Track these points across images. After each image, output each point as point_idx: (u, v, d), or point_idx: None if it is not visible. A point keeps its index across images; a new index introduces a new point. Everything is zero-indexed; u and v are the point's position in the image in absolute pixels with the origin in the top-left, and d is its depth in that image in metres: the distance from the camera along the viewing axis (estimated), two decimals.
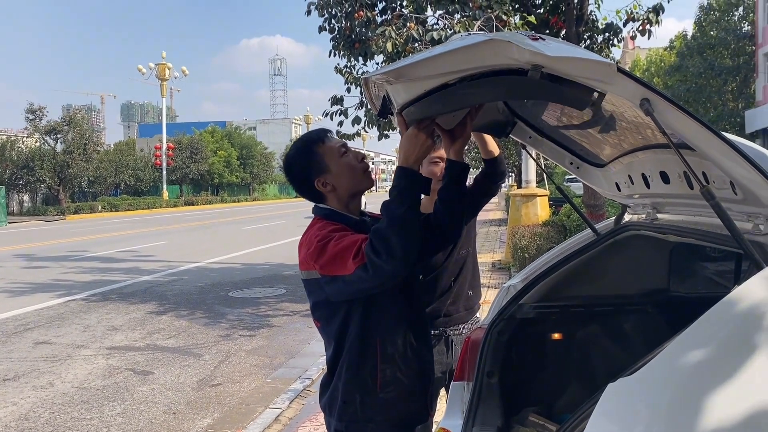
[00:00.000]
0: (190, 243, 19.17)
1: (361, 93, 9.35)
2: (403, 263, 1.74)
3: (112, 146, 57.64)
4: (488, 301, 6.12)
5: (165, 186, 50.69)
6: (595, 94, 1.37)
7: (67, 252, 17.08)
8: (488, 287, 9.39)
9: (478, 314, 3.10)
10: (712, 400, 1.17)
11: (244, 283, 11.12)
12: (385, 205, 1.83)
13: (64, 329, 7.93)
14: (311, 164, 2.02)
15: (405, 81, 1.69)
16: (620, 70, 1.30)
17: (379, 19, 8.73)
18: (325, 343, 2.08)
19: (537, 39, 1.33)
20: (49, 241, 21.21)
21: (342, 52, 9.01)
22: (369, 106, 9.28)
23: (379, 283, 1.80)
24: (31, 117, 38.61)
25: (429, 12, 8.53)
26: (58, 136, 39.31)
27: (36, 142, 40.20)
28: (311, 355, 6.47)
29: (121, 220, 33.99)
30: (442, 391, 2.94)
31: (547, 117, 2.34)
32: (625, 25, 8.72)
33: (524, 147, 2.52)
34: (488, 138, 2.46)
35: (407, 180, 1.83)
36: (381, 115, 2.06)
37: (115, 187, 49.95)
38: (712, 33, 37.40)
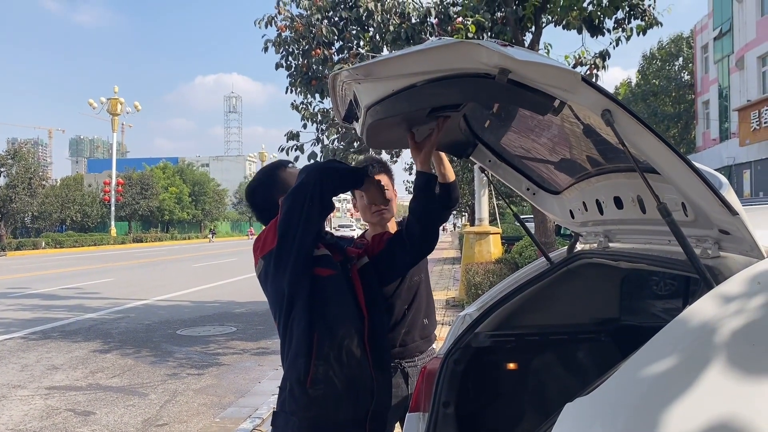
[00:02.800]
0: (138, 280, 18.62)
1: (317, 129, 9.40)
2: (321, 187, 2.03)
3: (58, 181, 56.08)
4: (442, 338, 6.09)
5: (113, 222, 49.48)
6: (557, 101, 1.39)
7: (6, 289, 16.35)
8: (443, 324, 9.38)
9: (434, 345, 3.07)
10: (667, 417, 1.18)
11: (193, 321, 10.82)
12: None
13: None
14: (275, 185, 2.21)
15: (373, 79, 1.68)
16: (584, 80, 1.32)
17: (336, 58, 8.85)
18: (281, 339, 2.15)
19: (506, 45, 1.35)
20: None
21: (299, 89, 9.08)
22: (325, 142, 9.34)
23: (302, 200, 1.99)
24: None
25: (385, 51, 8.68)
26: (2, 169, 38.11)
27: None
28: (262, 394, 6.30)
29: (65, 256, 32.88)
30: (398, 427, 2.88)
31: (508, 141, 2.38)
32: (573, 69, 9.04)
33: (483, 170, 2.55)
34: (445, 162, 2.47)
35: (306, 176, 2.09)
36: (346, 120, 2.06)
37: (61, 223, 48.51)
38: (654, 81, 39.20)
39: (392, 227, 2.82)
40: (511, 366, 2.73)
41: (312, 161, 9.00)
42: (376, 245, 2.32)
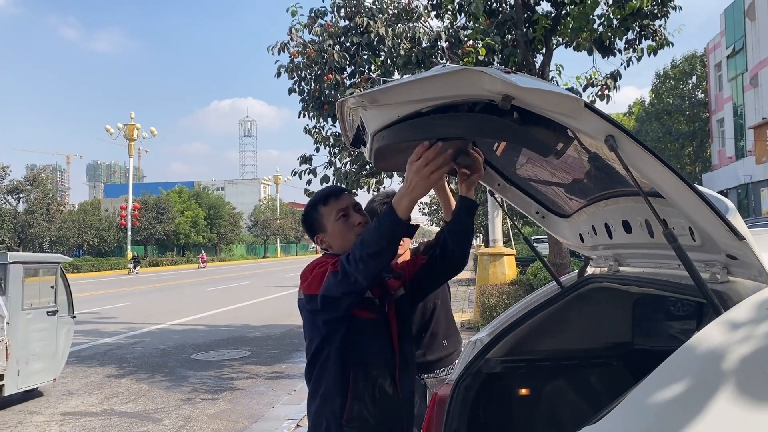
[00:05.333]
0: (153, 304, 18.71)
1: (330, 152, 9.47)
2: (365, 281, 1.91)
3: (76, 206, 56.69)
4: None
5: (129, 246, 49.79)
6: (560, 145, 1.39)
7: None
8: None
9: (457, 361, 3.08)
10: None
11: (207, 345, 10.84)
12: (367, 232, 1.95)
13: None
14: (313, 221, 2.26)
15: (379, 106, 1.69)
16: (587, 106, 1.33)
17: (347, 82, 8.93)
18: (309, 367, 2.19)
19: (510, 72, 1.36)
20: None
21: (311, 113, 9.16)
22: (338, 165, 9.40)
23: (344, 291, 1.93)
24: None
25: (396, 76, 8.76)
26: (21, 195, 38.61)
27: None
28: (275, 419, 6.27)
29: (82, 281, 33.11)
30: None
31: (517, 165, 2.38)
32: (584, 90, 9.07)
33: (492, 194, 2.55)
34: (454, 203, 2.49)
35: (390, 225, 1.87)
36: (354, 145, 2.07)
37: (78, 248, 48.91)
38: (668, 100, 39.06)
39: (407, 255, 2.90)
40: (523, 392, 2.70)
41: (324, 184, 9.05)
42: (409, 269, 2.38)
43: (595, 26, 8.28)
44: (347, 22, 9.06)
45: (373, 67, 8.85)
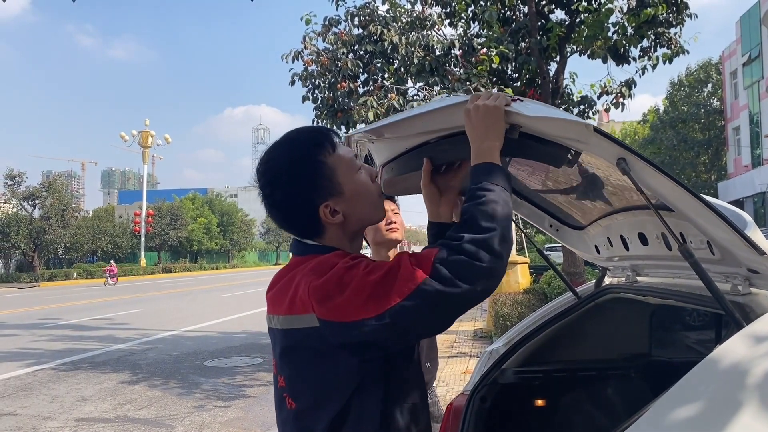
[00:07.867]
0: (166, 311, 18.78)
1: None
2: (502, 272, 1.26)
3: (90, 212, 57.22)
4: (470, 371, 6.00)
5: (143, 253, 50.16)
6: (572, 153, 1.39)
7: (38, 320, 16.62)
8: (470, 356, 9.27)
9: (434, 384, 3.00)
10: None
11: (220, 352, 10.86)
12: (482, 195, 1.28)
13: (30, 400, 7.62)
14: (318, 181, 1.36)
15: (386, 139, 1.70)
16: (596, 130, 1.32)
17: (361, 90, 8.97)
18: None
19: (515, 100, 1.36)
20: (20, 308, 20.66)
21: (325, 121, 9.20)
22: None
23: (472, 297, 1.23)
24: (10, 183, 38.41)
25: (410, 83, 8.78)
26: (36, 201, 39.02)
27: (13, 207, 39.80)
28: None
29: (96, 287, 33.33)
30: None
31: (527, 180, 2.37)
32: (599, 98, 9.05)
33: None
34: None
35: (503, 172, 1.35)
36: None
37: (92, 254, 49.30)
38: (683, 108, 38.82)
39: (393, 254, 2.84)
40: (539, 403, 2.68)
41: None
42: None
43: (610, 34, 8.27)
44: (361, 30, 9.11)
45: (386, 75, 8.89)
